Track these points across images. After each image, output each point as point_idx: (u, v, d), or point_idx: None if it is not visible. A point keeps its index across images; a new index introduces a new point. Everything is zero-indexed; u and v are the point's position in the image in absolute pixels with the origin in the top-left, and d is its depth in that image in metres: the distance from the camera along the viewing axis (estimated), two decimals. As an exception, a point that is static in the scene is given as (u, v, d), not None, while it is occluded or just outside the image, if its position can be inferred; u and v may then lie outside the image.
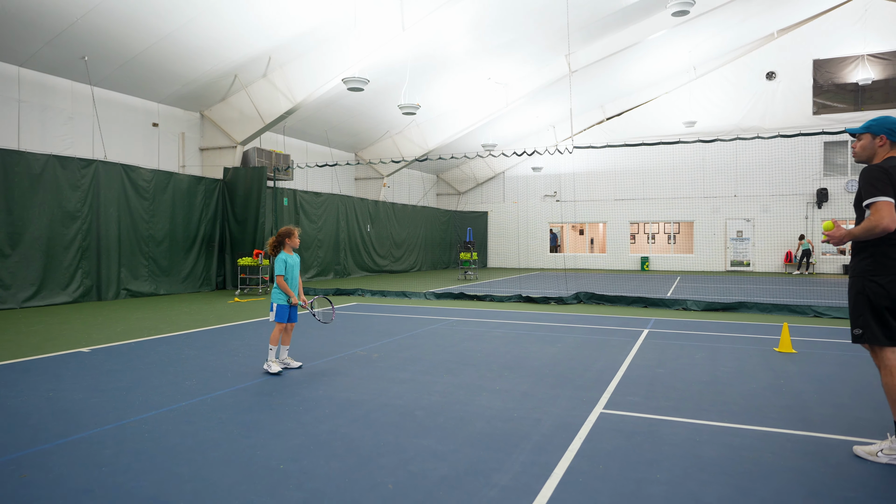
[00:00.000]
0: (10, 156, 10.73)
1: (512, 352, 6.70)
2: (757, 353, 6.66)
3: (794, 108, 23.56)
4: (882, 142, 3.48)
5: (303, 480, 3.08)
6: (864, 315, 3.40)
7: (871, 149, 3.52)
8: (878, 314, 3.35)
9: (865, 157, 3.56)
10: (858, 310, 3.43)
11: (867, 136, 3.54)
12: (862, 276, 3.42)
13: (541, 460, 3.37)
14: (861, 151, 3.57)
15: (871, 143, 3.52)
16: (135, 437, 3.73)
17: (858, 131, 3.58)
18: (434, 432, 3.86)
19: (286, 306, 5.66)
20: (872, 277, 3.36)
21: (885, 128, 3.46)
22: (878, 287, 3.34)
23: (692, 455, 3.47)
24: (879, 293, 3.34)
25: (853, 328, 3.47)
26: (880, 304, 3.34)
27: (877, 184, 3.30)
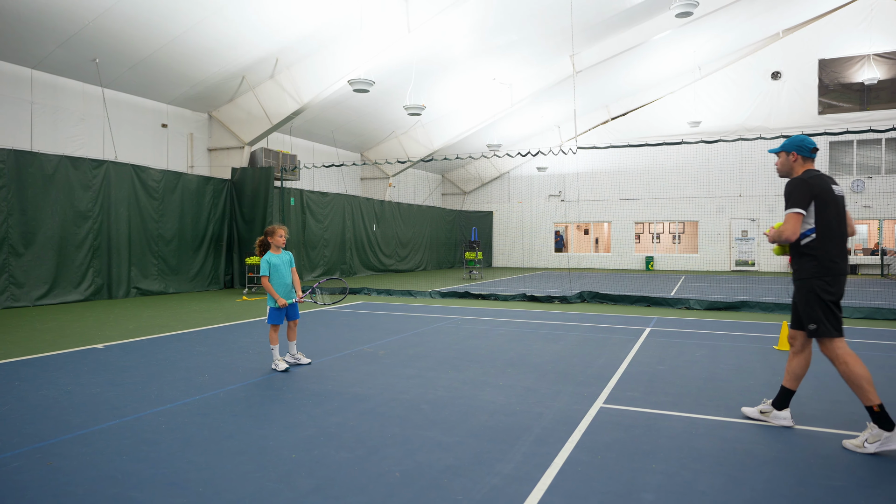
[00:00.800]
0: (23, 156, 10.95)
1: (515, 349, 6.84)
2: (757, 351, 6.77)
3: (799, 108, 23.57)
4: (794, 157, 3.95)
5: (314, 469, 3.23)
6: (816, 312, 3.75)
7: (788, 164, 3.99)
8: (828, 309, 3.73)
9: (785, 172, 4.03)
10: (811, 307, 3.78)
11: (783, 154, 4.01)
12: (809, 277, 3.80)
13: (542, 451, 3.51)
14: (781, 168, 4.05)
15: (786, 161, 3.99)
16: (152, 429, 3.89)
17: (776, 151, 4.04)
18: (439, 425, 4.00)
19: (280, 309, 5.69)
20: (818, 278, 3.75)
21: (795, 145, 3.95)
22: (824, 284, 3.73)
23: (687, 447, 3.60)
24: (826, 290, 3.73)
25: (808, 324, 3.80)
26: (827, 300, 3.73)
27: (793, 196, 3.78)
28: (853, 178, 22.89)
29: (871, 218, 23.04)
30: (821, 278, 3.74)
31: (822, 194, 3.75)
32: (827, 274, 3.72)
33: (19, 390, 4.87)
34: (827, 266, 3.72)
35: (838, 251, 3.76)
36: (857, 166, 23.07)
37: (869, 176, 22.82)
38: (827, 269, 3.72)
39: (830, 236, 3.74)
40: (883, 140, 22.64)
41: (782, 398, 4.00)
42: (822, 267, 3.73)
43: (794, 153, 3.95)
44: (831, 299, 3.72)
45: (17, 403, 4.48)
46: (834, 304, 3.73)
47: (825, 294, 3.72)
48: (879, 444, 3.45)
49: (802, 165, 3.93)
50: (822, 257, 3.73)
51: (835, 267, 3.73)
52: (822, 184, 3.77)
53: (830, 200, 3.75)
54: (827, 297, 3.72)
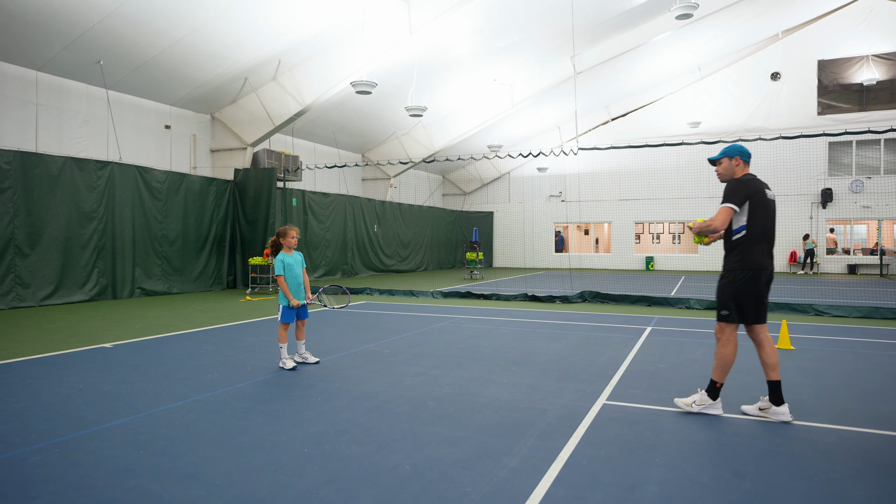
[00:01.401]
0: (29, 158, 11.04)
1: (518, 347, 6.93)
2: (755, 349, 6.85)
3: (798, 109, 23.68)
4: (737, 162, 4.27)
5: (326, 462, 3.32)
6: (730, 300, 4.16)
7: (731, 169, 4.29)
8: (740, 301, 4.13)
9: (728, 176, 4.32)
10: (726, 296, 4.18)
11: (726, 160, 4.32)
12: (732, 270, 4.17)
13: (547, 445, 3.60)
14: (724, 173, 4.33)
15: (729, 165, 4.30)
16: (166, 425, 3.98)
17: (717, 157, 4.37)
18: (446, 421, 4.09)
19: (293, 308, 5.83)
20: (741, 271, 4.12)
21: (737, 151, 4.29)
22: (745, 278, 4.10)
23: (689, 441, 3.69)
24: (745, 283, 4.10)
25: (721, 310, 4.23)
26: (744, 292, 4.11)
27: (731, 193, 4.11)
28: (852, 179, 22.99)
29: (870, 218, 23.15)
30: (742, 271, 4.10)
31: (757, 196, 4.10)
32: (749, 269, 4.09)
33: (32, 388, 4.96)
34: (750, 262, 4.09)
35: (763, 249, 4.12)
36: (857, 166, 23.18)
37: (868, 176, 22.92)
38: (750, 265, 4.09)
39: (758, 236, 4.09)
40: (882, 140, 22.75)
41: (774, 393, 4.19)
42: (746, 262, 4.09)
43: (737, 158, 4.27)
44: (748, 292, 4.09)
45: (32, 401, 4.57)
46: (753, 298, 4.11)
47: (743, 287, 4.10)
48: (703, 407, 4.22)
49: (743, 169, 4.27)
50: (748, 254, 4.09)
51: (758, 263, 4.09)
52: (757, 187, 4.13)
53: (763, 203, 4.11)
54: (743, 290, 4.09)
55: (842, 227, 24.23)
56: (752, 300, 4.11)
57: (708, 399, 4.23)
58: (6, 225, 10.66)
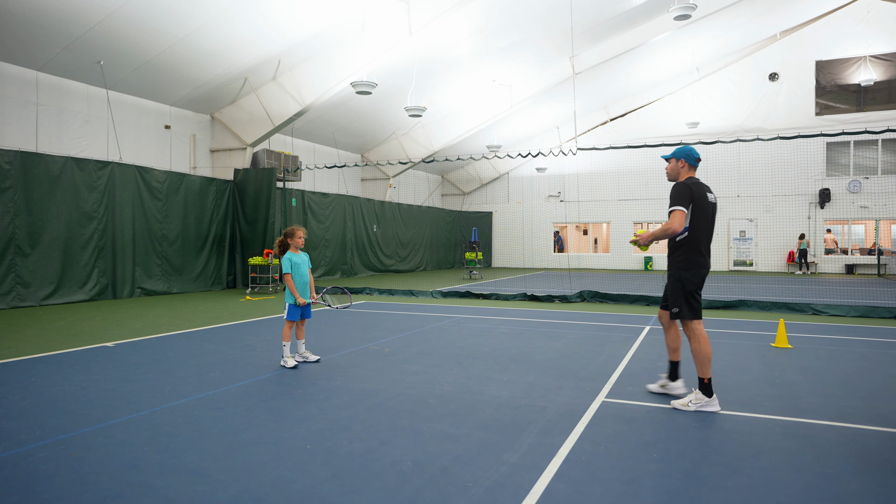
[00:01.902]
0: (29, 158, 11.06)
1: (517, 346, 6.97)
2: (754, 347, 6.91)
3: (796, 109, 23.76)
4: (682, 164, 4.52)
5: (329, 458, 3.36)
6: (680, 299, 4.39)
7: (677, 170, 4.54)
8: (690, 297, 4.37)
9: (674, 177, 4.57)
10: (676, 294, 4.41)
11: (674, 161, 4.55)
12: (678, 269, 4.41)
13: (547, 442, 3.65)
14: (671, 172, 4.58)
15: (676, 166, 4.54)
16: (170, 422, 4.02)
17: (667, 157, 4.60)
18: (447, 418, 4.13)
19: (299, 307, 5.90)
20: (685, 270, 4.38)
21: (684, 154, 4.51)
22: (689, 276, 4.36)
23: (687, 438, 3.74)
24: (690, 280, 4.36)
25: (672, 308, 4.44)
26: (691, 289, 4.36)
27: (679, 197, 4.30)
28: (850, 179, 23.06)
29: (867, 218, 23.23)
30: (687, 270, 4.36)
31: (699, 199, 4.33)
32: (693, 267, 4.36)
33: (36, 386, 4.99)
34: (693, 261, 4.35)
35: (704, 249, 4.39)
36: (854, 167, 23.25)
37: (865, 176, 23.00)
38: (693, 263, 4.35)
39: (699, 236, 4.35)
40: (879, 141, 22.83)
41: (673, 370, 4.64)
42: (690, 261, 4.36)
43: (682, 160, 4.51)
44: (693, 289, 4.36)
45: (36, 399, 4.60)
46: (696, 293, 4.38)
47: (689, 284, 4.36)
48: (700, 405, 4.30)
49: (688, 172, 4.51)
50: (690, 253, 4.36)
51: (699, 262, 4.37)
52: (700, 191, 4.35)
53: (705, 206, 4.36)
54: (690, 288, 4.36)
55: (839, 227, 24.30)
56: (697, 297, 4.38)
57: (703, 397, 4.33)
58: (7, 225, 10.69)
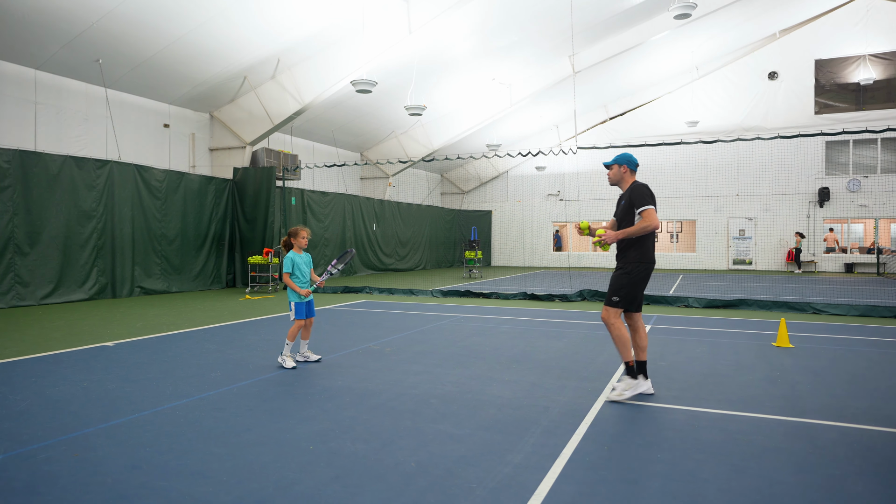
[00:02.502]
0: (28, 157, 11.03)
1: (519, 346, 6.96)
2: (755, 347, 6.91)
3: (796, 108, 23.76)
4: (625, 169, 4.87)
5: (332, 459, 3.35)
6: (625, 289, 4.63)
7: (620, 175, 4.89)
8: (635, 288, 4.62)
9: (616, 181, 4.93)
10: (621, 285, 4.65)
11: (616, 167, 4.89)
12: (631, 263, 4.65)
13: (550, 442, 3.64)
14: (613, 177, 4.94)
15: (618, 171, 4.89)
16: (171, 422, 4.00)
17: (610, 164, 4.93)
18: (449, 418, 4.12)
19: (304, 304, 5.91)
20: (640, 263, 4.63)
21: (625, 160, 4.86)
22: (642, 269, 4.63)
23: (690, 438, 3.73)
24: (641, 273, 4.63)
25: (612, 297, 4.66)
26: (638, 282, 4.63)
27: (646, 196, 4.60)
28: (849, 178, 23.08)
29: (867, 217, 23.25)
30: (641, 264, 4.64)
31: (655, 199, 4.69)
32: (645, 262, 4.65)
33: (37, 386, 4.97)
34: (646, 255, 4.65)
35: (652, 244, 4.70)
36: (854, 166, 23.26)
37: (865, 175, 23.02)
38: (645, 258, 4.65)
39: (650, 234, 4.66)
40: (879, 140, 22.84)
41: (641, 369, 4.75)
42: (643, 256, 4.64)
43: (624, 166, 4.86)
44: (641, 282, 4.66)
45: (37, 399, 4.58)
46: (643, 289, 4.68)
47: (639, 278, 4.63)
48: (631, 390, 4.50)
49: (631, 177, 4.87)
50: (645, 250, 4.64)
51: (651, 257, 4.68)
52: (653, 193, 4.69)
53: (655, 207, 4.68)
54: (639, 280, 4.64)
55: (839, 226, 24.32)
56: (642, 290, 4.68)
57: (632, 381, 4.54)
58: (6, 224, 10.66)
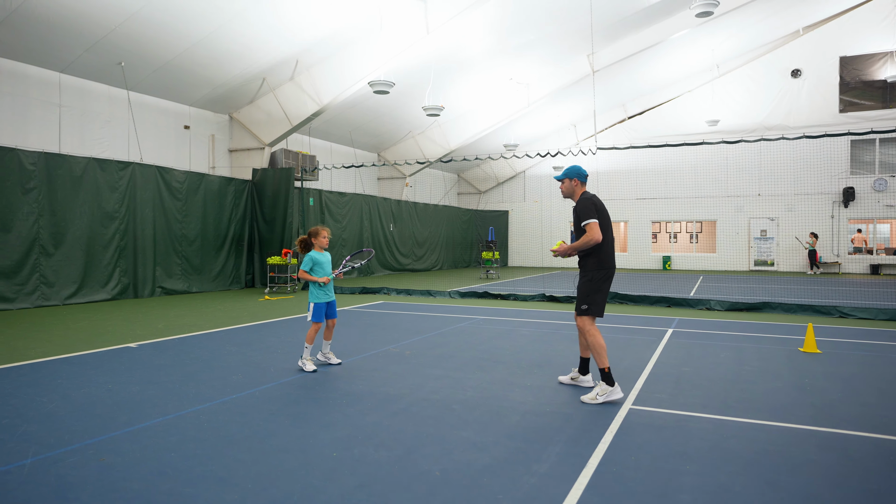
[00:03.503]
0: (53, 159, 11.20)
1: (540, 350, 6.90)
2: (782, 352, 6.77)
3: (820, 106, 23.31)
4: (576, 183, 5.02)
5: (356, 467, 3.33)
6: (591, 296, 4.78)
7: (571, 188, 5.04)
8: (599, 295, 4.78)
9: (569, 194, 5.07)
10: (587, 292, 4.80)
11: (567, 180, 5.04)
12: (591, 270, 4.82)
13: (576, 451, 3.58)
14: (566, 191, 5.08)
15: (570, 185, 5.03)
16: (195, 427, 4.02)
17: (561, 177, 5.08)
18: (472, 425, 4.08)
19: (323, 305, 5.89)
20: (598, 270, 4.80)
21: (575, 173, 5.00)
22: (602, 275, 4.79)
23: (720, 448, 3.65)
24: (602, 279, 4.79)
25: (581, 304, 4.81)
26: (601, 289, 4.79)
27: (587, 211, 4.77)
28: (875, 177, 22.58)
29: (893, 217, 22.73)
30: (599, 270, 4.81)
31: (602, 211, 4.83)
32: (604, 268, 4.81)
33: (63, 388, 5.03)
34: (604, 262, 4.81)
35: (611, 251, 4.87)
36: (879, 164, 22.76)
37: (892, 174, 22.51)
38: (604, 264, 4.81)
39: (606, 241, 4.81)
40: (906, 138, 22.31)
41: (583, 366, 5.15)
42: (601, 262, 4.81)
43: (575, 179, 5.01)
44: (604, 289, 4.80)
45: (63, 401, 4.64)
46: (606, 293, 4.83)
47: (601, 284, 4.79)
48: (606, 396, 4.60)
49: (581, 188, 5.02)
50: (603, 256, 4.81)
51: (609, 262, 4.84)
52: (598, 202, 4.87)
53: (605, 215, 4.84)
54: (601, 287, 4.79)
55: (864, 226, 23.82)
56: (605, 296, 4.83)
57: (607, 387, 4.64)
58: (31, 225, 10.84)
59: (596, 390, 4.67)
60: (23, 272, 10.68)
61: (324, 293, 5.89)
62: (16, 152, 10.61)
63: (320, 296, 5.89)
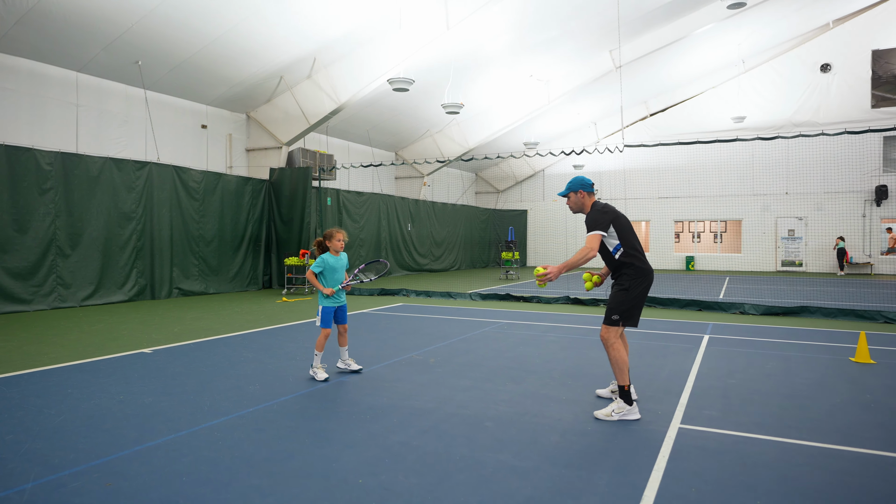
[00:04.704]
0: (69, 159, 11.07)
1: (570, 358, 6.53)
2: (832, 362, 6.33)
3: (850, 102, 22.53)
4: (582, 195, 4.63)
5: (384, 497, 3.01)
6: (622, 306, 4.39)
7: (580, 201, 4.64)
8: (635, 305, 4.42)
9: (579, 208, 4.68)
10: (619, 301, 4.41)
11: (572, 194, 4.65)
12: (630, 279, 4.42)
13: (628, 481, 3.22)
14: (574, 205, 4.69)
15: (577, 198, 4.64)
16: (209, 446, 3.73)
17: (565, 193, 4.71)
18: (509, 446, 3.74)
19: (332, 310, 5.58)
20: (635, 278, 4.42)
21: (579, 185, 4.62)
22: (639, 283, 4.42)
23: (790, 479, 3.26)
24: (643, 288, 4.43)
25: (612, 314, 4.41)
26: (639, 298, 4.42)
27: (596, 223, 4.42)
28: (909, 175, 21.77)
29: (928, 216, 21.89)
30: (636, 279, 4.43)
31: (618, 219, 4.49)
32: (642, 274, 4.45)
33: (72, 399, 4.79)
34: (643, 269, 4.45)
35: (643, 257, 4.51)
36: (914, 162, 21.94)
37: (927, 172, 21.68)
38: (642, 271, 4.45)
39: (634, 248, 4.47)
40: (942, 134, 21.48)
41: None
42: (640, 270, 4.44)
43: (581, 191, 4.62)
44: (641, 298, 4.43)
45: (71, 414, 4.38)
46: (642, 303, 4.45)
47: (638, 291, 4.41)
48: (622, 414, 4.27)
49: (590, 199, 4.65)
50: (638, 262, 4.45)
51: (647, 270, 4.48)
52: (613, 210, 4.52)
53: (625, 222, 4.52)
54: (639, 296, 4.42)
55: (897, 225, 23.00)
56: (641, 306, 4.47)
57: (625, 405, 4.31)
58: (48, 225, 10.71)
59: (612, 406, 4.34)
60: (39, 273, 10.55)
61: (334, 297, 5.59)
62: (32, 152, 10.49)
63: (330, 300, 5.59)
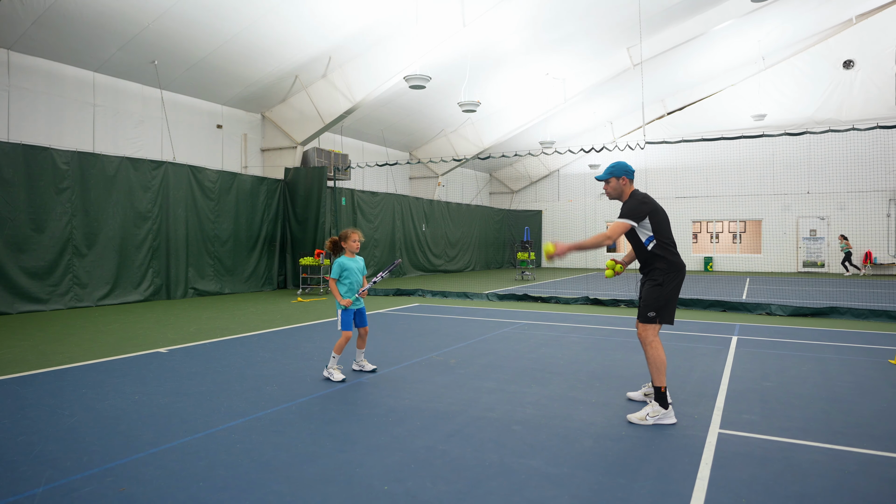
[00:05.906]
0: (86, 158, 11.05)
1: (595, 359, 6.32)
2: (871, 365, 6.05)
3: (874, 99, 22.01)
4: (624, 181, 4.44)
5: (412, 505, 2.83)
6: (658, 301, 4.20)
7: (619, 188, 4.45)
8: (668, 302, 4.23)
9: (617, 195, 4.49)
10: (654, 297, 4.22)
11: (613, 180, 4.45)
12: (662, 273, 4.24)
13: (671, 490, 3.01)
14: (613, 191, 4.49)
15: (617, 184, 4.44)
16: (227, 449, 3.57)
17: (604, 178, 4.48)
18: (540, 452, 3.55)
19: (351, 313, 5.40)
20: (667, 273, 4.23)
21: (622, 171, 4.43)
22: (673, 277, 4.24)
23: (846, 489, 3.04)
24: (675, 283, 4.25)
25: (648, 311, 4.23)
26: (673, 293, 4.23)
27: (632, 212, 4.26)
28: (936, 173, 21.21)
29: (956, 216, 21.31)
30: (670, 273, 4.25)
31: (656, 211, 4.31)
32: (675, 269, 4.26)
33: (86, 399, 4.67)
34: (675, 264, 4.27)
35: (675, 250, 4.33)
36: (941, 160, 21.37)
37: (955, 170, 21.11)
38: (676, 266, 4.27)
39: (669, 241, 4.30)
40: (971, 131, 20.90)
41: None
42: (672, 265, 4.26)
43: (623, 177, 4.43)
44: (675, 292, 4.25)
45: (85, 414, 4.26)
46: (676, 298, 4.27)
47: (672, 288, 4.23)
48: (658, 418, 4.06)
49: (630, 187, 4.46)
50: (671, 256, 4.27)
51: (681, 264, 4.30)
52: (653, 202, 4.35)
53: (662, 213, 4.33)
54: (673, 291, 4.23)
55: (923, 225, 22.41)
56: (676, 301, 4.30)
57: (661, 409, 4.11)
58: (65, 225, 10.69)
59: (647, 409, 4.12)
60: (56, 273, 10.53)
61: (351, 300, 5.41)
62: (49, 151, 10.47)
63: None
